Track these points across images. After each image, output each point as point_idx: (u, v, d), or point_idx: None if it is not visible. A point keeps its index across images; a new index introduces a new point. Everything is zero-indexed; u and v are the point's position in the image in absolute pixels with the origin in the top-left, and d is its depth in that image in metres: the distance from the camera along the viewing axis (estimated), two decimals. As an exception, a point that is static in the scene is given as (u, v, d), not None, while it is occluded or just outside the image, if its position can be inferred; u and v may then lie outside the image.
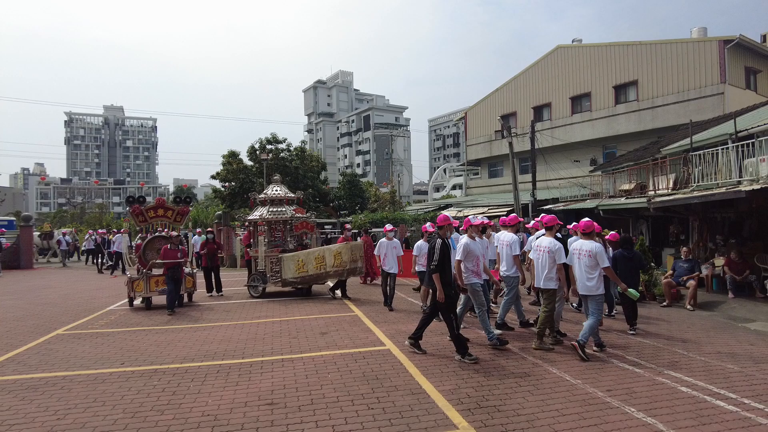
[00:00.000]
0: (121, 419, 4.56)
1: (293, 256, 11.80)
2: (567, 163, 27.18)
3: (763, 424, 4.32)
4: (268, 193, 12.94)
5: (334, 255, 11.66)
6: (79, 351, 7.14)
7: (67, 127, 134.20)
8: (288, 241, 13.05)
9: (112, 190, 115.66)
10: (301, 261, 11.69)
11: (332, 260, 11.62)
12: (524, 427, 4.27)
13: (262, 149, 33.06)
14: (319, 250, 12.04)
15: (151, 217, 11.49)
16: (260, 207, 12.98)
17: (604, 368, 5.98)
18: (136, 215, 11.36)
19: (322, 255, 11.70)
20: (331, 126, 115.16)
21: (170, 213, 11.64)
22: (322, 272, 11.67)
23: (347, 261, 11.67)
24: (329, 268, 11.62)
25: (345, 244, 12.21)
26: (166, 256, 10.32)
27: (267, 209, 12.65)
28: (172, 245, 10.57)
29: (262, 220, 12.48)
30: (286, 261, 11.68)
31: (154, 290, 10.63)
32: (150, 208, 11.56)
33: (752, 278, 11.03)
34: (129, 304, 10.96)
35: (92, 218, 53.88)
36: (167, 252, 10.37)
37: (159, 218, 11.55)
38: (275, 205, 12.82)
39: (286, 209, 12.88)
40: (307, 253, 11.88)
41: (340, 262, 11.65)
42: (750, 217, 13.27)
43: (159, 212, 11.56)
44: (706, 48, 22.36)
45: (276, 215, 12.56)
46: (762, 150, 11.31)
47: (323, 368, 6.08)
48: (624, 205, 16.69)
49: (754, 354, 6.77)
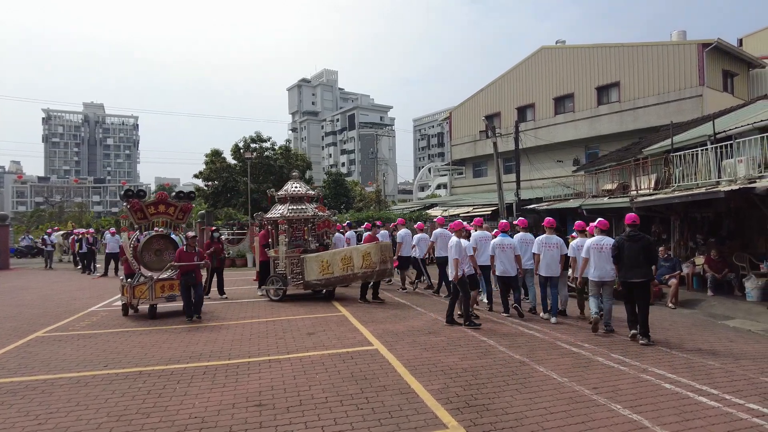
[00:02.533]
0: (106, 423, 4.48)
1: (317, 257, 11.24)
2: (550, 163, 27.48)
3: (744, 419, 4.42)
4: (288, 190, 12.24)
5: (363, 255, 10.88)
6: (61, 353, 6.99)
7: (45, 124, 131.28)
8: (309, 241, 12.41)
9: (92, 189, 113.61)
10: (326, 262, 11.07)
11: (360, 261, 10.84)
12: (513, 425, 4.30)
13: (246, 148, 32.76)
14: (346, 250, 11.44)
15: (151, 214, 10.23)
16: (278, 204, 12.24)
17: (590, 366, 6.06)
18: (135, 211, 10.04)
19: (349, 255, 11.01)
20: (315, 125, 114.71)
21: (172, 210, 10.47)
22: (349, 274, 10.96)
23: (377, 262, 10.84)
24: (357, 269, 10.87)
25: (374, 243, 11.32)
26: (182, 259, 9.29)
27: (287, 207, 11.91)
28: (188, 247, 9.50)
29: (283, 219, 11.72)
30: (309, 262, 11.12)
31: (160, 296, 9.61)
32: (151, 203, 10.28)
33: (731, 276, 11.29)
34: (123, 312, 9.92)
35: (71, 217, 52.83)
36: (183, 255, 9.32)
37: (160, 215, 10.32)
38: (295, 202, 12.08)
39: (307, 207, 12.20)
40: (333, 254, 11.28)
41: (369, 263, 10.84)
42: (728, 217, 13.58)
43: (160, 208, 10.31)
44: (686, 51, 22.80)
45: (297, 213, 11.88)
46: (739, 151, 11.58)
47: (311, 369, 6.05)
48: (607, 204, 16.94)
49: (734, 350, 6.92)
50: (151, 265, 9.91)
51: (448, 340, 7.44)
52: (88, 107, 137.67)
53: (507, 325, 8.55)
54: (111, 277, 17.75)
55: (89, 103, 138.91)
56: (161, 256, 10.12)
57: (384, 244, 11.21)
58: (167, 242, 10.23)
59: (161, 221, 10.32)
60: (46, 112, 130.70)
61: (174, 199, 10.49)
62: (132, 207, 10.02)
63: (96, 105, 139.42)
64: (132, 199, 9.99)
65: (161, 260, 10.03)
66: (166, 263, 9.83)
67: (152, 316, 9.52)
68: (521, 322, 8.87)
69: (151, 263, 9.93)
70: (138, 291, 9.54)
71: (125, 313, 9.88)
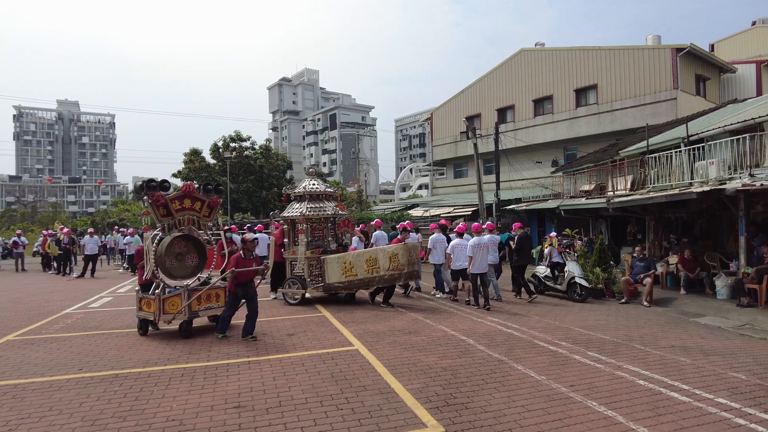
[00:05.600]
0: (80, 428, 4.39)
1: (339, 258, 10.71)
2: (530, 164, 27.83)
3: (713, 413, 4.56)
4: (306, 187, 11.61)
5: (390, 257, 10.36)
6: (32, 357, 6.82)
7: (16, 121, 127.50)
8: (329, 241, 11.85)
9: (67, 189, 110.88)
10: (349, 263, 10.53)
11: (387, 263, 10.33)
12: (491, 423, 4.36)
13: (226, 147, 32.48)
14: (372, 251, 10.86)
15: (176, 210, 8.31)
16: (295, 203, 11.59)
17: (567, 364, 6.17)
18: (158, 207, 8.08)
19: (375, 257, 10.46)
20: (296, 124, 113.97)
21: (198, 205, 8.60)
22: (375, 276, 10.41)
23: (405, 264, 10.34)
24: (384, 271, 10.34)
25: (402, 244, 10.76)
26: (240, 266, 7.73)
27: (306, 205, 11.30)
28: (246, 252, 8.05)
29: (303, 218, 11.09)
30: (330, 263, 10.63)
31: (196, 309, 8.09)
32: (175, 198, 8.42)
33: (703, 275, 11.60)
34: (142, 331, 8.14)
35: (45, 218, 51.51)
36: (241, 261, 7.83)
37: (185, 211, 8.46)
38: (314, 200, 11.51)
39: (327, 205, 11.65)
40: (357, 255, 10.72)
41: (396, 265, 10.32)
42: (700, 217, 13.98)
43: (185, 203, 8.48)
44: (660, 55, 23.35)
45: (317, 212, 11.34)
46: (711, 153, 11.91)
47: (291, 370, 6.02)
48: (584, 205, 17.25)
49: (704, 347, 7.13)
50: (173, 271, 8.25)
51: (428, 340, 7.49)
52: (62, 104, 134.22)
53: (486, 324, 8.65)
54: (87, 279, 17.40)
55: (63, 101, 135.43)
56: (183, 261, 8.46)
57: (412, 245, 10.76)
58: (189, 244, 8.58)
59: (187, 219, 8.48)
60: (17, 108, 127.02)
61: (201, 192, 8.73)
62: (155, 202, 8.04)
63: (71, 102, 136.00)
64: (155, 192, 8.04)
65: (183, 266, 8.43)
66: (189, 269, 8.45)
67: (187, 335, 7.85)
68: (500, 320, 8.99)
69: (173, 269, 8.25)
70: (170, 305, 7.86)
71: (144, 332, 8.15)
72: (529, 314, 9.73)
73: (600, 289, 11.92)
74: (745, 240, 10.55)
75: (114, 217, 41.37)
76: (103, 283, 16.15)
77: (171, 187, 8.57)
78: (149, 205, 8.08)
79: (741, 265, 10.49)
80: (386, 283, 10.56)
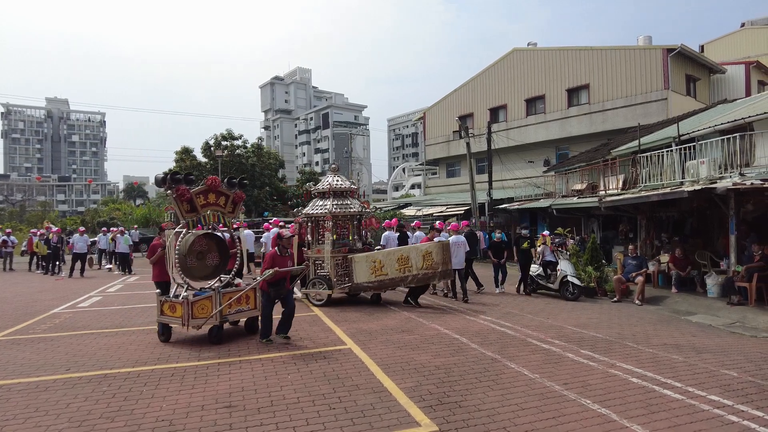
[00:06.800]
0: (67, 429, 4.30)
1: (367, 257, 10.33)
2: (522, 164, 27.92)
3: (706, 410, 4.56)
4: (332, 184, 11.20)
5: (423, 255, 10.06)
6: (19, 357, 6.69)
7: (4, 119, 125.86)
8: (355, 240, 11.47)
9: (57, 188, 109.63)
10: (379, 263, 10.17)
11: (420, 262, 10.04)
12: (485, 422, 4.33)
13: (217, 145, 32.27)
14: (403, 249, 10.55)
15: (201, 205, 7.72)
16: (318, 200, 11.25)
17: (560, 362, 6.16)
18: (183, 201, 7.45)
19: (407, 256, 10.15)
20: (288, 123, 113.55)
21: (223, 200, 8.03)
22: (407, 275, 10.09)
23: (439, 262, 10.05)
24: (416, 270, 10.04)
25: (436, 242, 10.52)
26: (276, 264, 7.18)
27: (331, 202, 10.94)
28: (282, 249, 7.50)
29: (330, 215, 10.73)
30: (358, 263, 10.26)
31: (227, 313, 7.48)
32: (200, 192, 7.75)
33: (694, 274, 11.67)
34: (164, 337, 7.52)
35: (34, 217, 50.92)
36: (277, 259, 7.30)
37: (211, 206, 7.86)
38: (339, 197, 11.15)
39: (353, 202, 11.28)
40: (387, 254, 10.39)
41: (431, 264, 10.02)
42: (691, 216, 14.07)
43: (210, 198, 7.83)
44: (651, 55, 23.51)
45: (343, 209, 10.99)
46: (702, 153, 11.99)
47: (282, 369, 5.96)
48: (576, 204, 17.31)
49: (696, 345, 7.16)
50: (194, 271, 7.71)
51: (421, 338, 7.46)
52: (52, 102, 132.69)
53: (479, 323, 8.64)
54: (76, 278, 17.18)
55: (53, 98, 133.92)
56: (204, 260, 7.86)
57: (445, 244, 10.51)
58: (212, 242, 8.02)
59: (212, 215, 7.88)
60: (5, 106, 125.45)
61: (226, 186, 8.12)
62: (180, 196, 7.41)
63: (60, 100, 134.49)
64: (180, 186, 7.43)
65: (204, 265, 7.85)
66: (210, 269, 7.91)
67: (218, 341, 7.29)
68: (493, 319, 8.98)
69: (193, 269, 7.70)
70: (199, 309, 7.25)
71: (167, 339, 7.51)
72: (522, 312, 9.73)
73: (592, 287, 11.96)
74: (736, 239, 10.62)
75: (104, 216, 40.98)
76: (92, 282, 15.96)
77: (195, 181, 7.96)
78: (173, 200, 7.49)
79: (731, 263, 10.56)
80: (420, 282, 10.27)
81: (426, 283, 10.53)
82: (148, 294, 13.04)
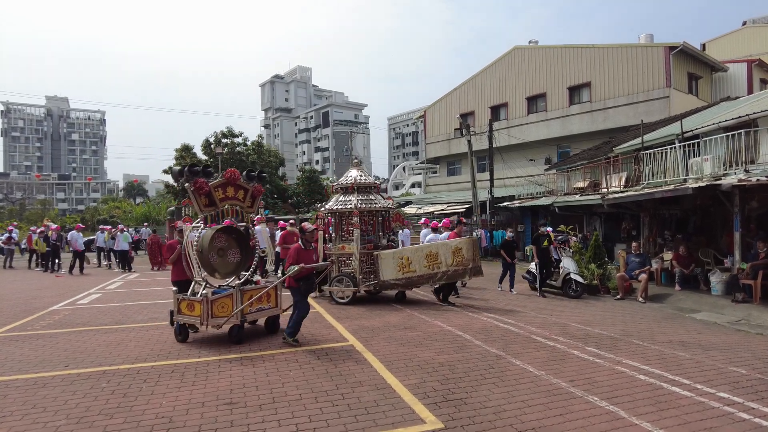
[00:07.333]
0: (65, 426, 4.22)
1: (394, 254, 10.13)
2: (523, 162, 27.81)
3: (716, 408, 4.48)
4: (356, 179, 10.87)
5: (453, 252, 9.80)
6: (17, 354, 6.61)
7: (3, 117, 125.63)
8: (380, 236, 11.19)
9: (56, 186, 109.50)
10: (406, 259, 9.98)
11: (450, 258, 9.78)
12: (492, 419, 4.24)
13: (218, 143, 32.17)
14: (432, 245, 10.29)
15: (219, 199, 7.35)
16: (342, 195, 10.92)
17: (565, 359, 6.08)
18: (201, 195, 7.11)
19: (436, 252, 9.92)
20: (288, 121, 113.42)
21: (242, 194, 7.67)
22: (436, 272, 9.85)
23: (470, 258, 9.76)
24: (446, 267, 9.78)
25: (468, 238, 10.29)
26: (302, 259, 6.84)
27: (357, 197, 10.62)
28: (305, 242, 7.14)
29: (357, 210, 10.38)
30: (385, 260, 10.05)
31: (249, 311, 7.20)
32: (218, 185, 7.39)
33: (697, 271, 11.59)
34: (181, 337, 7.22)
35: (33, 215, 50.85)
36: (302, 253, 6.95)
37: (229, 200, 7.50)
38: (363, 192, 10.85)
39: (376, 197, 11.04)
40: (415, 250, 10.19)
41: (461, 260, 9.75)
42: (694, 214, 13.98)
43: (229, 192, 7.52)
44: (653, 53, 23.39)
45: (369, 204, 10.69)
46: (706, 150, 11.90)
47: (284, 366, 5.88)
48: (578, 202, 17.22)
49: (702, 342, 7.08)
50: (217, 268, 7.38)
51: (423, 335, 7.37)
52: (51, 101, 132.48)
53: (482, 320, 8.55)
54: (75, 275, 17.10)
55: (52, 97, 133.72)
56: (225, 257, 7.53)
57: (475, 240, 10.36)
58: (231, 238, 7.67)
59: (231, 209, 7.55)
60: (5, 104, 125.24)
61: (244, 180, 7.76)
62: (198, 189, 7.08)
63: (60, 98, 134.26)
64: (198, 179, 7.09)
65: (226, 262, 7.54)
66: (232, 266, 7.58)
67: (238, 341, 7.02)
68: (496, 316, 8.90)
69: (217, 266, 7.38)
70: (219, 307, 6.95)
71: (184, 339, 7.22)
72: (524, 310, 9.65)
73: (595, 285, 11.89)
74: (741, 236, 10.53)
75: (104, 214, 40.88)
76: (91, 279, 15.87)
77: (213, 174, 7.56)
78: (191, 193, 7.11)
79: (736, 261, 10.47)
80: (449, 279, 10.00)
81: (455, 281, 10.25)
82: (147, 291, 12.98)
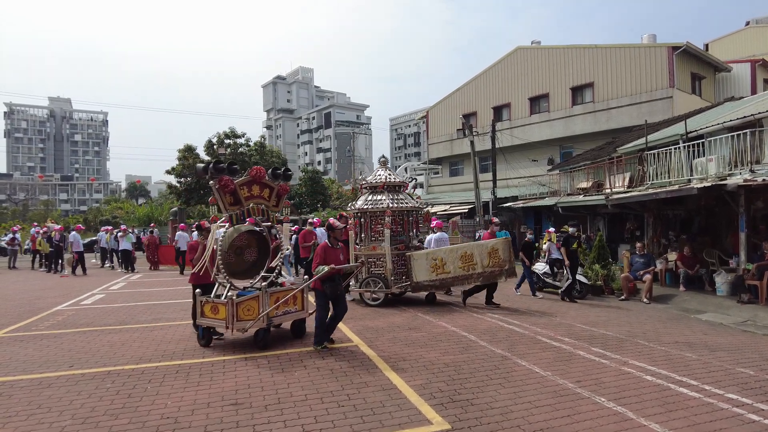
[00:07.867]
0: (70, 426, 4.20)
1: (427, 255, 9.94)
2: (526, 162, 27.75)
3: (725, 409, 4.44)
4: (386, 178, 10.66)
5: (489, 252, 9.67)
6: (22, 354, 6.60)
7: (7, 119, 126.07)
8: (410, 237, 11.02)
9: (59, 187, 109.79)
10: (440, 260, 9.79)
11: (486, 260, 9.65)
12: (499, 420, 4.22)
13: (220, 144, 32.23)
14: (467, 246, 10.25)
15: (245, 198, 7.07)
16: (370, 194, 10.73)
17: (571, 360, 6.05)
18: (226, 193, 6.84)
19: (471, 253, 9.76)
20: (291, 122, 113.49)
21: (267, 192, 7.39)
22: (471, 273, 9.70)
23: (506, 260, 9.66)
24: (482, 268, 9.64)
25: (503, 239, 10.09)
26: (328, 259, 6.61)
27: (388, 197, 10.46)
28: (333, 240, 6.90)
29: (389, 210, 10.16)
30: (417, 260, 9.85)
31: (275, 315, 6.89)
32: (244, 183, 7.08)
33: (702, 272, 11.54)
34: (205, 341, 6.92)
35: (36, 216, 50.98)
36: (329, 251, 6.71)
37: (255, 199, 7.22)
38: (392, 192, 10.69)
39: (406, 197, 10.91)
40: (449, 251, 10.01)
41: (497, 261, 9.63)
42: (699, 214, 13.93)
43: (254, 190, 7.22)
44: (656, 53, 23.34)
45: (400, 203, 10.52)
46: (710, 150, 11.86)
47: (289, 366, 5.86)
48: (582, 202, 17.18)
49: (709, 343, 7.04)
50: (231, 267, 7.11)
51: (428, 336, 7.35)
52: (54, 102, 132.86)
53: (487, 320, 8.52)
54: (79, 276, 17.13)
55: (55, 98, 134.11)
56: (242, 256, 7.37)
57: (509, 240, 10.20)
58: (252, 237, 7.46)
59: (257, 208, 7.24)
60: (8, 106, 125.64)
61: (270, 178, 7.44)
62: (223, 187, 6.77)
63: (63, 100, 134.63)
64: (223, 176, 6.76)
65: (243, 261, 7.38)
66: (250, 266, 7.44)
67: (264, 344, 6.73)
68: (501, 317, 8.87)
69: (231, 265, 7.11)
70: (245, 310, 6.61)
71: (207, 343, 6.92)
72: (529, 311, 9.62)
73: (599, 285, 11.84)
74: (746, 236, 10.49)
75: (107, 214, 40.97)
76: (94, 280, 15.90)
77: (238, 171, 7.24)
78: (216, 191, 6.83)
79: (741, 261, 10.43)
80: (485, 280, 9.84)
81: (492, 282, 10.01)
82: (151, 292, 12.99)
